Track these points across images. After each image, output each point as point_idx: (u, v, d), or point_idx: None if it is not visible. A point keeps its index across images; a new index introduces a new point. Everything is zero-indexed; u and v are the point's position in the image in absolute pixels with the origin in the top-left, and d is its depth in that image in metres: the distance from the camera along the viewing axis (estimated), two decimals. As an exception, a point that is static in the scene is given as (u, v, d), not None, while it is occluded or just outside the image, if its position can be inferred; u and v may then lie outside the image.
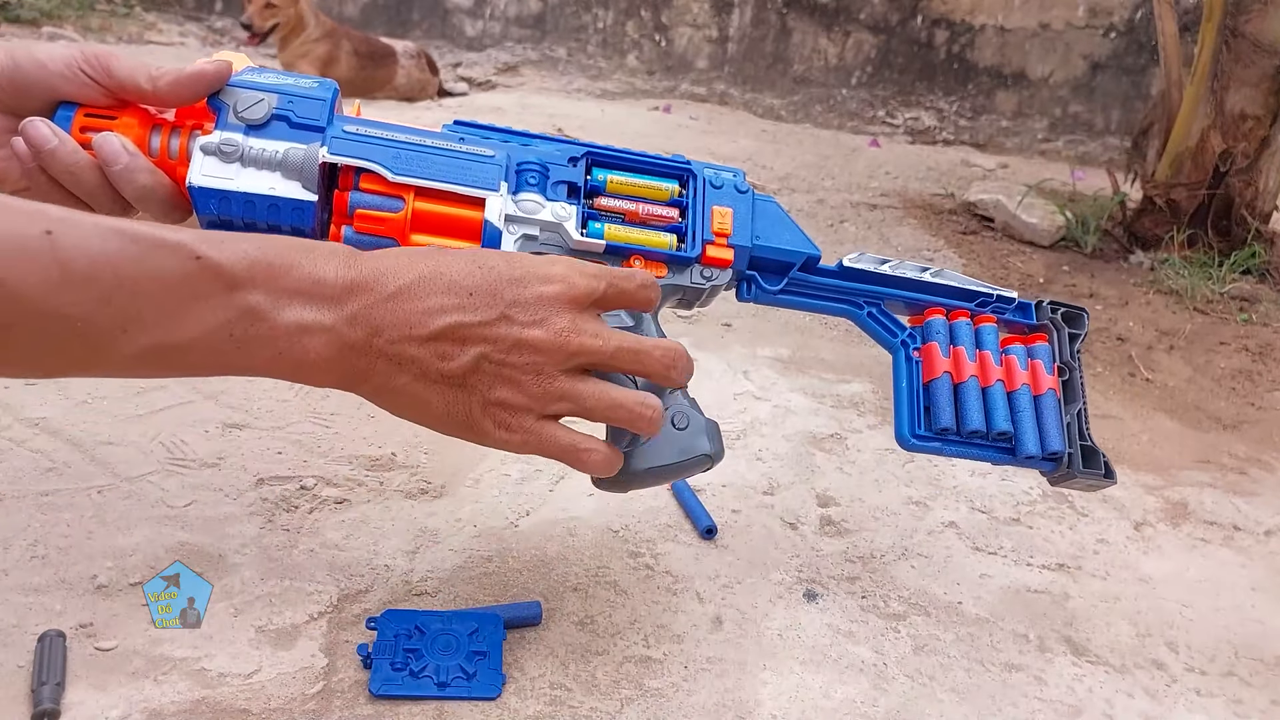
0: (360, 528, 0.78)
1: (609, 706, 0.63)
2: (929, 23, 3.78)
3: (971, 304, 0.70)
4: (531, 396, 0.52)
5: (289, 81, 0.59)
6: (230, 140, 0.56)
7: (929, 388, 0.68)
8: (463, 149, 0.60)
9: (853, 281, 0.69)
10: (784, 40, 3.94)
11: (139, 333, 0.44)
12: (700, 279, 0.65)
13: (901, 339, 0.69)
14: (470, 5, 4.25)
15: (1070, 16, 3.61)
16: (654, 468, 0.59)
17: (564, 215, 0.62)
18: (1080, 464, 0.68)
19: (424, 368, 0.50)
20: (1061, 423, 0.68)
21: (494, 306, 0.50)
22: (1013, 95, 3.74)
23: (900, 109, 3.79)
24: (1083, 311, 0.72)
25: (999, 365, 0.68)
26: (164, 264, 0.45)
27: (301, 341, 0.48)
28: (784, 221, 0.67)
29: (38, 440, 0.84)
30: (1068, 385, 0.70)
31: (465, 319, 0.50)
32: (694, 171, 0.66)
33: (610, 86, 3.93)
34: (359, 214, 0.58)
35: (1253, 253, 1.86)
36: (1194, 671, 0.75)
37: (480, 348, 0.50)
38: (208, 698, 0.59)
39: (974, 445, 0.68)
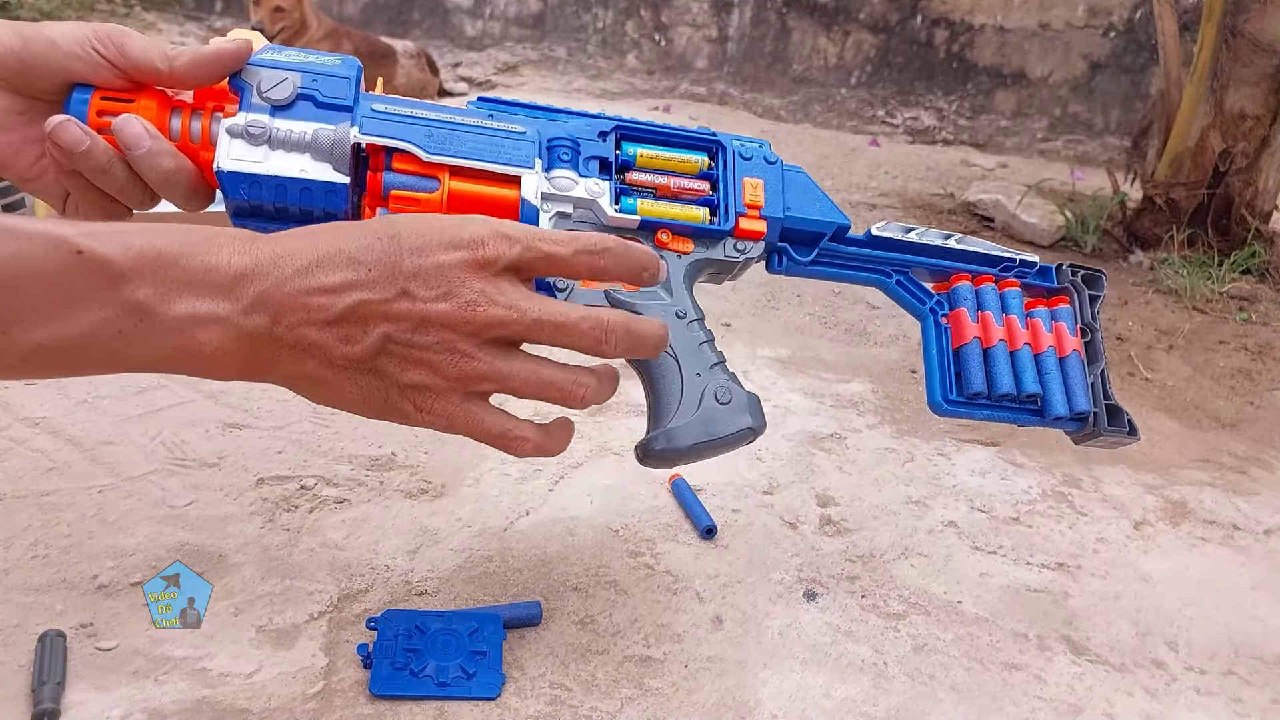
0: (360, 527, 0.79)
1: (609, 706, 0.63)
2: (929, 22, 3.78)
3: (995, 269, 0.71)
4: (449, 378, 0.48)
5: (311, 59, 0.57)
6: (257, 122, 0.54)
7: (959, 353, 0.69)
8: (494, 125, 0.59)
9: (881, 250, 0.70)
10: (784, 40, 3.94)
11: (21, 333, 0.42)
12: (734, 252, 0.65)
13: (930, 305, 0.70)
14: (470, 5, 4.25)
15: (1070, 16, 3.61)
16: (699, 443, 0.59)
17: (597, 191, 0.61)
18: (1105, 422, 0.69)
19: (329, 353, 0.47)
20: (1087, 383, 0.69)
21: (394, 281, 0.46)
22: (1012, 95, 3.74)
23: (900, 109, 3.79)
24: (1100, 273, 0.73)
25: (1025, 329, 0.69)
26: (43, 259, 0.42)
27: (194, 334, 0.45)
28: (813, 191, 0.67)
29: (38, 440, 0.84)
30: (1090, 346, 0.71)
31: (365, 297, 0.46)
32: (722, 143, 0.65)
33: (610, 86, 3.93)
34: (394, 195, 0.56)
35: (1252, 252, 1.86)
36: (1194, 670, 0.75)
37: (383, 328, 0.46)
38: (208, 697, 0.59)
39: (1004, 408, 0.69)
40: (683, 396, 0.61)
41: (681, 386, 0.61)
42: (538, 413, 0.82)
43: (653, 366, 0.62)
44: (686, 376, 0.61)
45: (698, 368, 0.61)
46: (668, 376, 0.62)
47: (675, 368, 0.62)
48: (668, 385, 0.61)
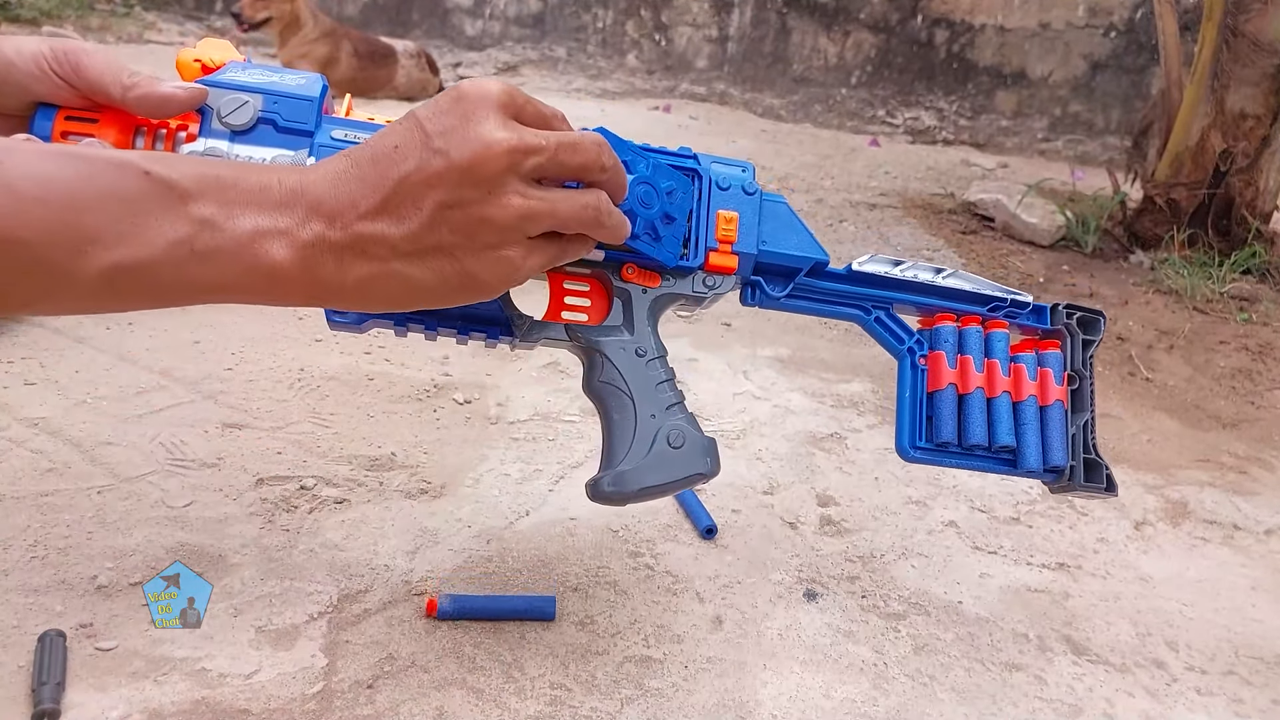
0: (360, 528, 0.78)
1: (609, 706, 0.63)
2: (929, 22, 3.78)
3: (984, 309, 0.68)
4: (507, 224, 0.49)
5: (275, 79, 0.56)
6: (215, 150, 0.54)
7: (933, 398, 0.66)
8: None
9: (862, 286, 0.67)
10: (784, 40, 3.94)
11: (98, 252, 0.44)
12: (702, 288, 0.63)
13: (908, 345, 0.67)
14: (470, 5, 4.25)
15: (1070, 16, 3.61)
16: (647, 487, 0.59)
17: None
18: (1081, 477, 0.67)
19: (388, 240, 0.48)
20: (1066, 435, 0.67)
21: (423, 147, 0.48)
22: (1012, 95, 3.74)
23: (900, 109, 3.79)
24: (1099, 316, 0.69)
25: (1006, 375, 0.66)
26: (114, 181, 0.44)
27: (263, 247, 0.46)
28: (793, 225, 0.65)
29: (37, 440, 0.84)
30: (1076, 395, 0.68)
31: (402, 171, 0.47)
32: (700, 172, 0.63)
33: (610, 86, 3.93)
34: None
35: (1253, 252, 1.86)
36: (1194, 670, 0.75)
37: (432, 195, 0.48)
38: (208, 698, 0.59)
39: (975, 457, 0.67)
40: (634, 437, 0.60)
41: (635, 426, 0.60)
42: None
43: (608, 404, 0.61)
44: (640, 417, 0.60)
45: (653, 408, 0.60)
46: (623, 415, 0.61)
47: (630, 407, 0.60)
48: (622, 424, 0.61)
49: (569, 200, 0.51)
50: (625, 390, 0.61)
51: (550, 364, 1.15)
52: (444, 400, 1.02)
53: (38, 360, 0.98)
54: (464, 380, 1.08)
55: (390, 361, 1.10)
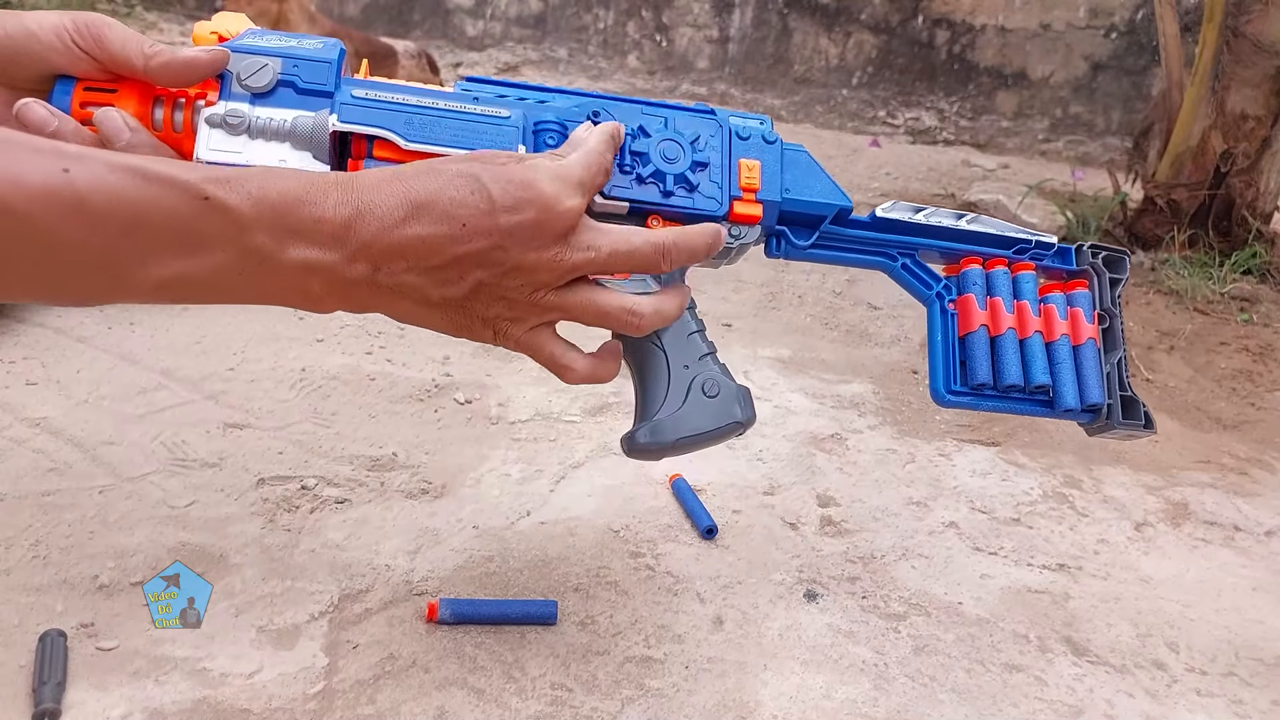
0: (361, 528, 0.79)
1: (610, 706, 0.63)
2: (930, 23, 3.78)
3: (1009, 251, 0.68)
4: (527, 310, 0.54)
5: (293, 44, 0.56)
6: (235, 111, 0.54)
7: (965, 341, 0.66)
8: (477, 110, 0.58)
9: (886, 233, 0.66)
10: (785, 41, 3.94)
11: (154, 265, 0.47)
12: (729, 238, 0.62)
13: (937, 290, 0.67)
14: (471, 5, 4.25)
15: (1071, 17, 3.61)
16: (686, 436, 0.59)
17: None
18: (1120, 416, 0.67)
19: (425, 294, 0.52)
20: (1101, 373, 0.67)
21: (490, 235, 0.50)
22: (1013, 95, 3.74)
23: (901, 109, 3.79)
24: (1124, 254, 0.69)
25: (1037, 315, 0.66)
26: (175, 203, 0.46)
27: (305, 279, 0.49)
28: (815, 172, 0.64)
29: (39, 440, 0.84)
30: (1108, 333, 0.68)
31: (462, 250, 0.50)
32: (718, 122, 0.62)
33: (611, 87, 3.93)
34: None
35: (1253, 253, 1.86)
36: (1195, 672, 0.75)
37: (478, 274, 0.51)
38: (209, 697, 0.59)
39: (1011, 399, 0.66)
40: (669, 389, 0.60)
41: (669, 378, 0.60)
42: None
43: (641, 357, 0.61)
44: (674, 368, 0.60)
45: (686, 359, 0.60)
46: (655, 368, 0.61)
47: (663, 359, 0.61)
48: (655, 377, 0.61)
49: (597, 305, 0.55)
50: (656, 343, 0.61)
51: (551, 364, 1.15)
52: (445, 400, 1.02)
53: (39, 360, 0.98)
54: (465, 380, 1.08)
55: (392, 361, 1.10)
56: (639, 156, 0.60)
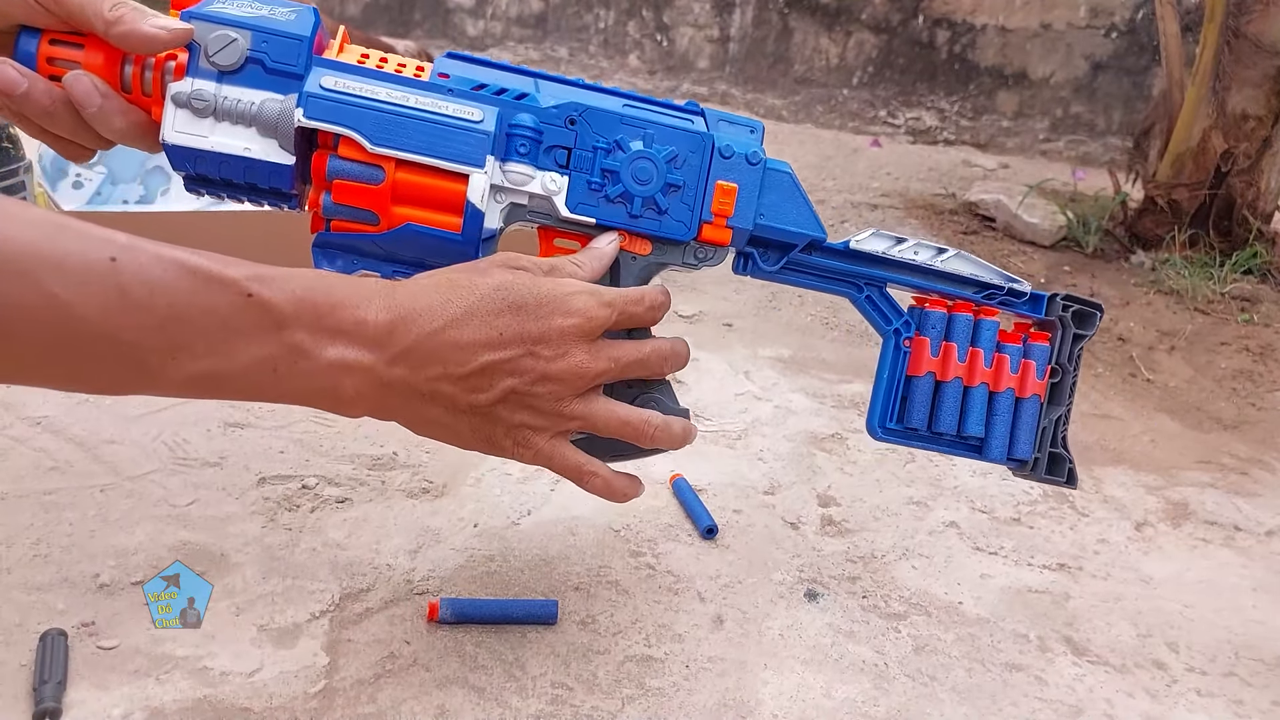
0: (362, 527, 0.79)
1: (610, 705, 0.63)
2: (930, 23, 3.78)
3: (979, 295, 0.68)
4: (550, 419, 0.55)
5: (264, 11, 0.54)
6: (202, 93, 0.53)
7: (910, 382, 0.66)
8: (450, 110, 0.56)
9: (857, 264, 0.66)
10: (785, 40, 3.94)
11: (188, 360, 0.47)
12: (693, 259, 0.62)
13: (895, 326, 0.67)
14: (472, 5, 4.26)
15: (1071, 17, 3.61)
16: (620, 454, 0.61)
17: (554, 189, 0.58)
18: (1044, 470, 0.68)
19: (456, 401, 0.53)
20: (1036, 429, 0.67)
21: (522, 344, 0.53)
22: (1014, 95, 3.74)
23: (901, 109, 3.79)
24: (1097, 309, 0.69)
25: (988, 366, 0.66)
26: (216, 298, 0.47)
27: (340, 380, 0.50)
28: (794, 197, 0.63)
29: (40, 439, 0.84)
30: (1057, 388, 0.68)
31: (496, 358, 0.53)
32: (702, 138, 0.60)
33: (611, 86, 3.93)
34: (337, 184, 0.55)
35: (1254, 253, 1.86)
36: (1195, 672, 0.75)
37: (509, 381, 0.53)
38: (209, 696, 0.59)
39: (940, 442, 0.67)
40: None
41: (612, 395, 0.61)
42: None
43: None
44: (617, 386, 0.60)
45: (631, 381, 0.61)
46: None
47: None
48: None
49: (619, 416, 0.57)
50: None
51: (552, 364, 1.15)
52: (445, 400, 1.02)
53: (40, 359, 0.98)
54: (465, 380, 1.08)
55: (392, 361, 1.10)
56: (610, 174, 0.59)
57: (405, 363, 0.51)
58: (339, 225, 0.57)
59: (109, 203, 1.26)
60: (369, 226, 0.56)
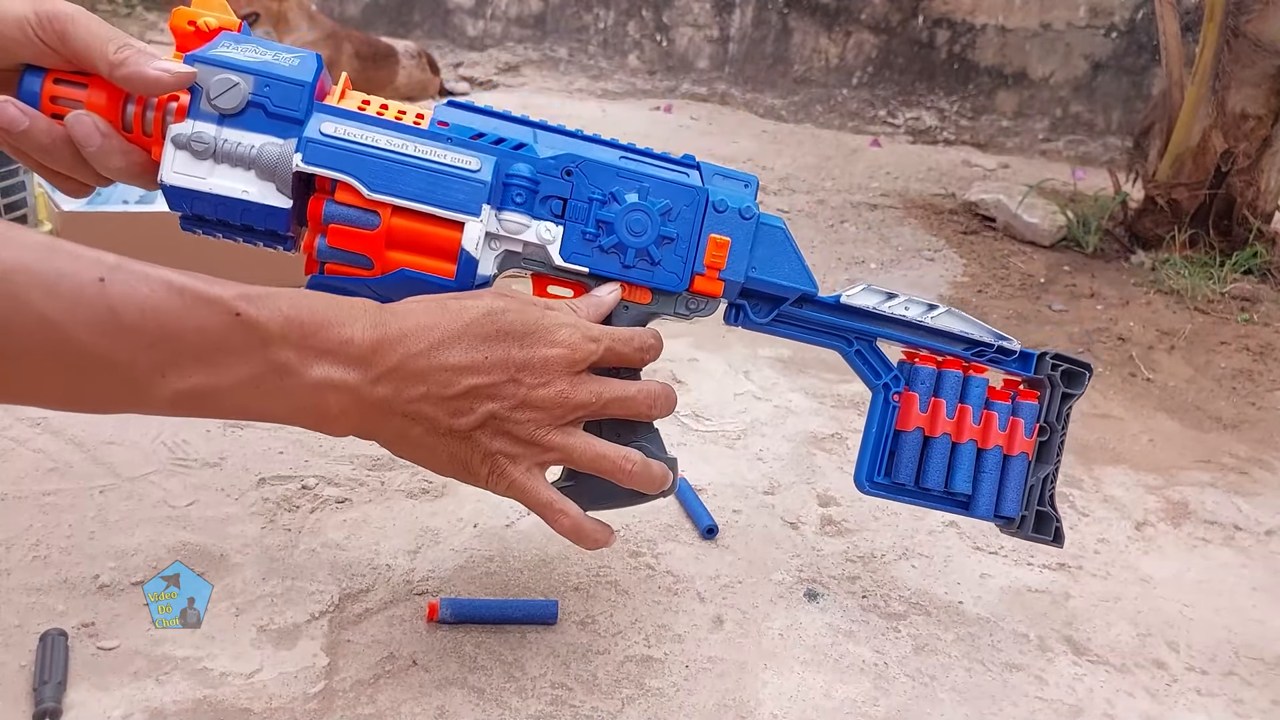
0: (361, 527, 0.79)
1: (610, 706, 0.63)
2: (930, 23, 3.78)
3: (968, 353, 0.68)
4: (527, 448, 0.55)
5: (268, 57, 0.55)
6: (202, 135, 0.53)
7: (898, 437, 0.67)
8: (448, 160, 0.57)
9: (847, 318, 0.66)
10: (785, 40, 3.95)
11: (176, 378, 0.47)
12: (685, 309, 0.63)
13: (884, 381, 0.67)
14: (471, 5, 4.26)
15: (1071, 16, 3.61)
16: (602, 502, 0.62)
17: (548, 239, 0.59)
18: (1031, 528, 0.69)
19: (437, 423, 0.53)
20: (1024, 487, 0.68)
21: (506, 369, 0.53)
22: (1014, 95, 3.74)
23: (901, 109, 3.79)
24: (1086, 369, 0.69)
25: (977, 423, 0.67)
26: (205, 318, 0.47)
27: (325, 398, 0.51)
28: (786, 252, 0.64)
29: (40, 440, 0.84)
30: (1045, 446, 0.69)
31: (480, 382, 0.53)
32: (696, 192, 0.61)
33: (611, 86, 3.93)
34: (333, 228, 0.55)
35: (1254, 253, 1.86)
36: (1195, 671, 0.75)
37: (490, 405, 0.53)
38: (209, 697, 0.60)
39: (929, 497, 0.68)
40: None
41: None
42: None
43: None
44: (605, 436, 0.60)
45: (619, 428, 0.61)
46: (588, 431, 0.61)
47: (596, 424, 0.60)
48: None
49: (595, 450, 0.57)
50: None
51: (551, 364, 1.15)
52: (445, 400, 1.02)
53: (40, 360, 0.98)
54: (465, 380, 1.08)
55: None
56: (604, 225, 0.60)
57: (389, 382, 0.51)
58: (333, 268, 0.57)
59: (109, 203, 1.26)
60: (363, 270, 0.57)
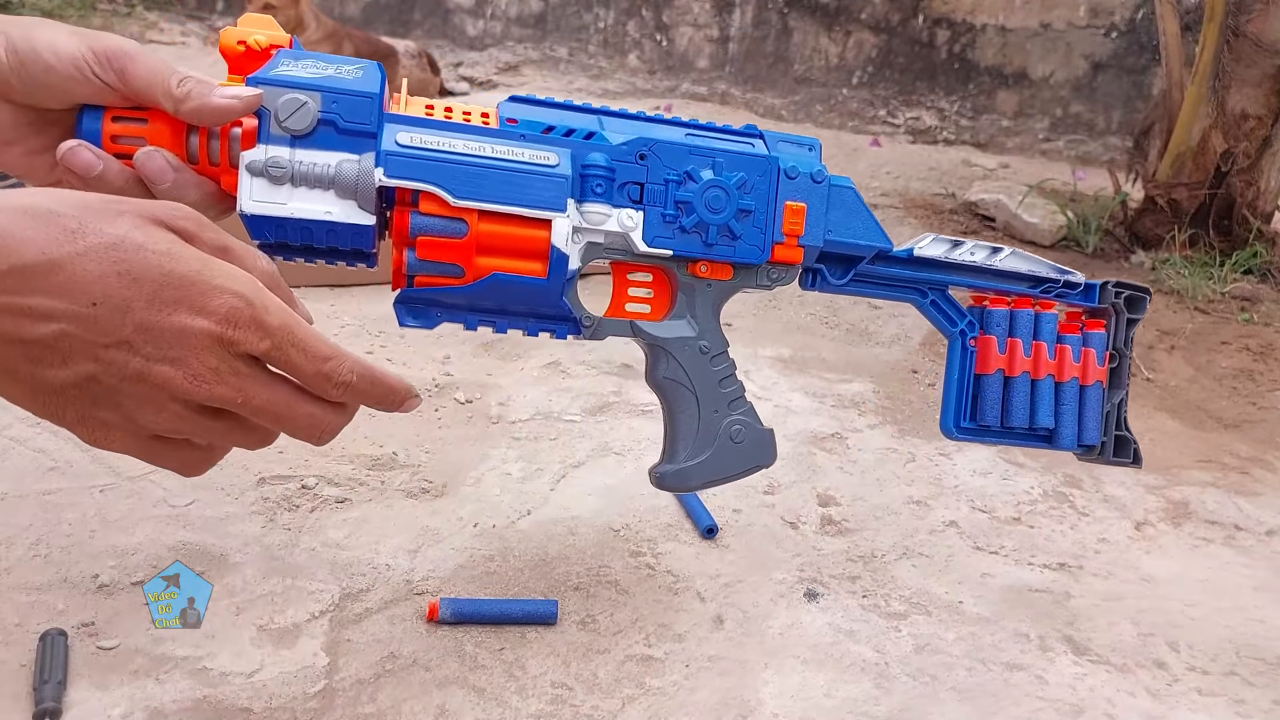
0: (361, 527, 0.79)
1: (610, 705, 0.63)
2: (930, 22, 3.78)
3: (1036, 290, 0.69)
4: (139, 425, 0.44)
5: (330, 71, 0.53)
6: (277, 159, 0.52)
7: (980, 381, 0.68)
8: (525, 157, 0.56)
9: (920, 270, 0.67)
10: (785, 40, 3.94)
11: None
12: (766, 280, 0.63)
13: (960, 328, 0.68)
14: (471, 5, 4.26)
15: (1071, 16, 3.61)
16: (709, 480, 0.63)
17: (630, 225, 0.59)
18: (1111, 452, 0.71)
19: (14, 370, 0.42)
20: (1102, 414, 0.70)
21: (118, 328, 0.41)
22: (1014, 95, 3.74)
23: (901, 109, 3.79)
24: (1145, 293, 0.71)
25: (1052, 358, 0.68)
26: None
27: None
28: (859, 211, 0.64)
29: (40, 439, 0.84)
30: (1115, 372, 0.71)
31: (76, 332, 0.41)
32: (767, 161, 0.61)
33: (611, 86, 3.93)
34: (422, 241, 0.54)
35: (1254, 253, 1.86)
36: (1196, 671, 0.75)
37: (89, 368, 0.42)
38: (209, 696, 0.59)
39: (1013, 435, 0.69)
40: (698, 433, 0.63)
41: (698, 423, 0.63)
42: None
43: (671, 398, 0.63)
44: (704, 414, 0.61)
45: (716, 405, 0.62)
46: (685, 411, 0.63)
47: (694, 404, 0.62)
48: (685, 421, 0.63)
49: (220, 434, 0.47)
50: (689, 386, 0.62)
51: (551, 364, 1.15)
52: (445, 399, 1.02)
53: (39, 359, 0.98)
54: (465, 379, 1.08)
55: (392, 360, 1.10)
56: (683, 205, 0.59)
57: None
58: (423, 280, 0.56)
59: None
60: (454, 279, 0.56)
